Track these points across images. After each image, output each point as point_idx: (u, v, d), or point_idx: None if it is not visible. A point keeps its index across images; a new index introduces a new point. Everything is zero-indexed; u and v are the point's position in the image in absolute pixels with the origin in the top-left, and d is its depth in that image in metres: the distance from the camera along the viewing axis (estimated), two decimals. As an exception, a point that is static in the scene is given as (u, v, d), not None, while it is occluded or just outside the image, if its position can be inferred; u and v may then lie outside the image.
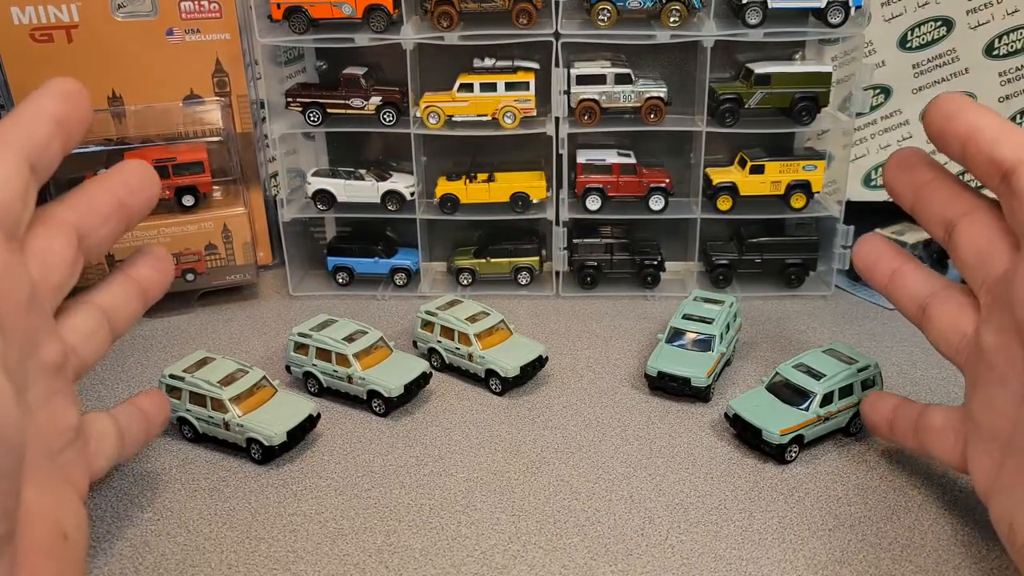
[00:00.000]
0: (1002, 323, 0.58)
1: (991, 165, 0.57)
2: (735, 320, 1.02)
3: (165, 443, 0.87)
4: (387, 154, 1.24)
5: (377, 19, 1.09)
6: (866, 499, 0.77)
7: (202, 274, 1.16)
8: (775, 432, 0.81)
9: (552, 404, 0.94)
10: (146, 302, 0.65)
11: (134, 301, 0.64)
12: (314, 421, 0.87)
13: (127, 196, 0.59)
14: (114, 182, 0.59)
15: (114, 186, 0.58)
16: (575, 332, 1.10)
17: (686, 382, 0.92)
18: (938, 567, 0.69)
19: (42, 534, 0.48)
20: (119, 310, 0.62)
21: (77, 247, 0.55)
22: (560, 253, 1.20)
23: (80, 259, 0.56)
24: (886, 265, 0.71)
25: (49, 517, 0.49)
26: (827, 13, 1.07)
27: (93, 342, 0.60)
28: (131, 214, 0.59)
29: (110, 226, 0.58)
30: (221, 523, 0.75)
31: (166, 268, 0.67)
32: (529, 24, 1.09)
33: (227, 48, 1.17)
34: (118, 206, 0.58)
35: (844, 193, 1.16)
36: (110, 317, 0.61)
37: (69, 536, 0.50)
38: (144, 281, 0.65)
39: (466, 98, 1.14)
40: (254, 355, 1.04)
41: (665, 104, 1.13)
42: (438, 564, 0.70)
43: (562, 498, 0.78)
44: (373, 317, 1.12)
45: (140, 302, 0.65)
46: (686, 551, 0.71)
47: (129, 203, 0.59)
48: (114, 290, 0.63)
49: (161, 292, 0.67)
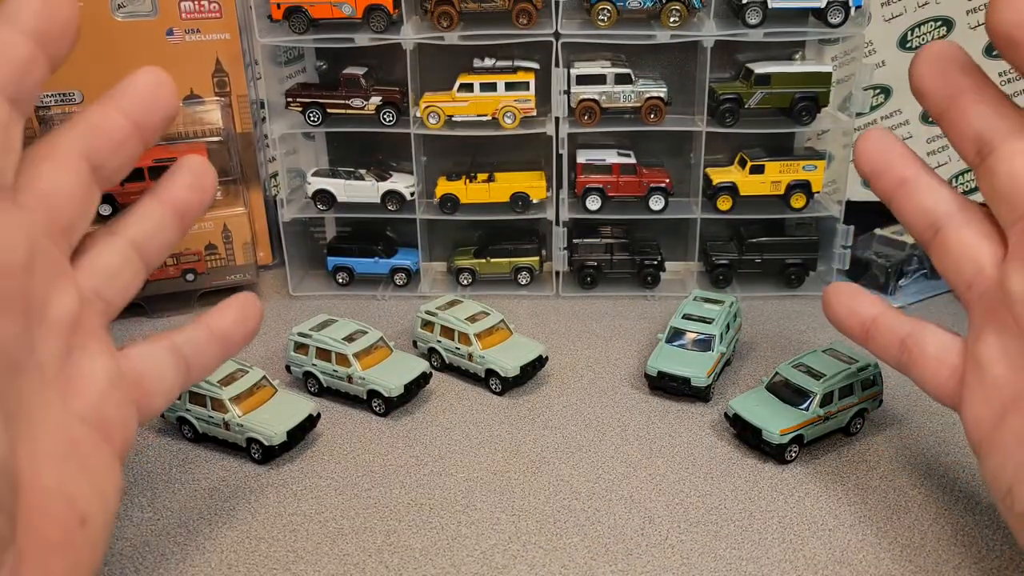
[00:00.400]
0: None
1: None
2: (735, 320, 1.02)
3: (165, 443, 0.87)
4: (387, 154, 1.24)
5: (377, 19, 1.09)
6: (866, 499, 0.77)
7: (202, 274, 1.16)
8: (775, 432, 0.81)
9: (552, 404, 0.94)
10: (183, 228, 0.56)
11: (168, 229, 0.55)
12: (314, 421, 0.87)
13: (143, 115, 0.51)
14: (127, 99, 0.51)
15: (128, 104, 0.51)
16: (575, 332, 1.10)
17: (686, 382, 0.92)
18: (938, 567, 0.69)
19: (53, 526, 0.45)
20: (151, 240, 0.54)
21: (90, 179, 0.49)
22: (560, 253, 1.20)
23: (94, 192, 0.50)
24: (896, 172, 0.60)
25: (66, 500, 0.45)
26: (827, 13, 1.08)
27: (120, 281, 0.53)
28: (149, 135, 0.51)
29: (126, 151, 0.51)
30: (221, 523, 0.75)
31: (205, 185, 0.56)
32: (529, 24, 1.09)
33: (227, 48, 1.17)
34: (133, 128, 0.50)
35: (844, 193, 1.16)
36: (141, 250, 0.54)
37: (88, 518, 0.46)
38: (180, 204, 0.55)
39: (466, 98, 1.14)
40: (254, 355, 1.04)
41: (665, 104, 1.13)
42: (438, 564, 0.70)
43: (562, 498, 0.78)
44: (373, 317, 1.12)
45: (176, 229, 0.56)
46: (686, 551, 0.71)
47: (146, 122, 0.51)
48: (144, 218, 0.55)
49: (200, 213, 0.57)
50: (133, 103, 0.50)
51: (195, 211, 0.57)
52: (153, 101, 0.51)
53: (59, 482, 0.45)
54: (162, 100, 0.51)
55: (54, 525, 0.45)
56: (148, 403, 0.54)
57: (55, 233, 0.47)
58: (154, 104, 0.51)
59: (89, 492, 0.47)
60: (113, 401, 0.50)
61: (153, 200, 0.55)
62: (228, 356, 0.61)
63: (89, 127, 0.49)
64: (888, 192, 0.61)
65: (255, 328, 0.61)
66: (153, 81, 0.51)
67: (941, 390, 0.61)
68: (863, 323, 0.66)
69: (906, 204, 0.60)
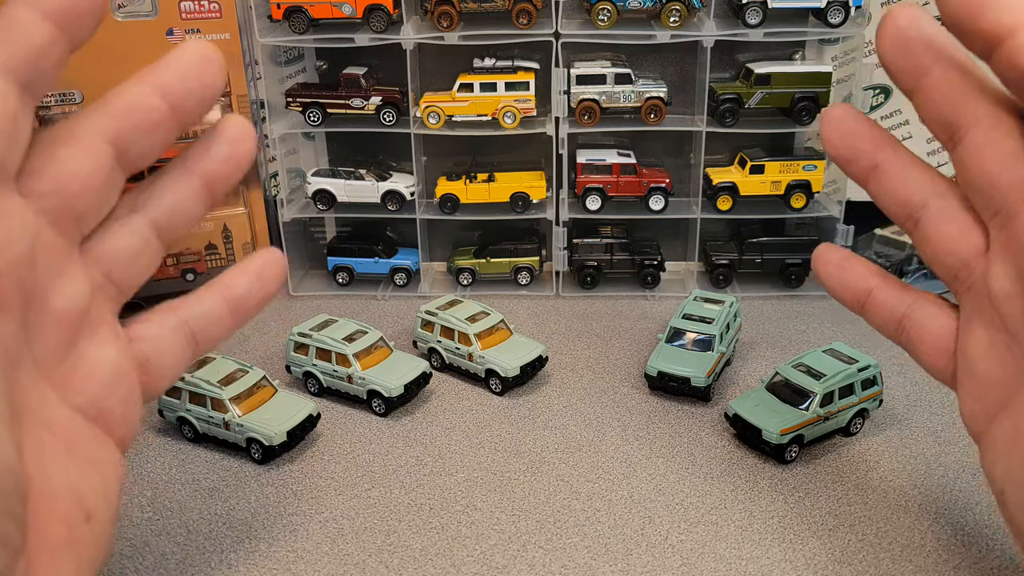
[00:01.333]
0: (1020, 269, 0.48)
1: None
2: (735, 320, 1.02)
3: (165, 443, 0.87)
4: (387, 154, 1.24)
5: (377, 19, 1.09)
6: (866, 499, 0.77)
7: (202, 274, 1.16)
8: (775, 432, 0.81)
9: (552, 404, 0.94)
10: (212, 203, 0.51)
11: (194, 203, 0.50)
12: (314, 421, 0.87)
13: (183, 95, 0.46)
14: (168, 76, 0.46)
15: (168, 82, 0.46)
16: (575, 332, 1.10)
17: (686, 382, 0.92)
18: (938, 567, 0.69)
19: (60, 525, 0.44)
20: (174, 216, 0.50)
21: (112, 165, 0.45)
22: (560, 253, 1.20)
23: (118, 177, 0.46)
24: (866, 159, 0.54)
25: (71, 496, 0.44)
26: (827, 13, 1.08)
27: (136, 264, 0.49)
28: (185, 119, 0.47)
29: (158, 135, 0.46)
30: (221, 523, 0.75)
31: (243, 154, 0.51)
32: (529, 24, 1.09)
33: (227, 48, 1.17)
34: (170, 111, 0.46)
35: (844, 193, 1.16)
36: (161, 229, 0.49)
37: (93, 513, 0.45)
38: (211, 176, 0.50)
39: (466, 98, 1.14)
40: (254, 355, 1.04)
41: (665, 104, 1.13)
42: (438, 564, 0.70)
43: (562, 498, 0.78)
44: (373, 317, 1.12)
45: (203, 204, 0.50)
46: (686, 551, 0.71)
47: (184, 104, 0.46)
48: (170, 191, 0.50)
49: (230, 186, 0.52)
50: (173, 81, 0.46)
51: (227, 184, 0.51)
52: (197, 79, 0.46)
53: (64, 479, 0.44)
54: (207, 79, 0.46)
55: (61, 523, 0.44)
56: (152, 384, 0.51)
57: (65, 220, 0.44)
58: (197, 83, 0.46)
59: (93, 487, 0.46)
60: (116, 394, 0.48)
61: (182, 171, 0.50)
62: (241, 324, 0.56)
63: (120, 107, 0.45)
64: (861, 180, 0.56)
65: (274, 291, 0.56)
66: (199, 57, 0.46)
67: (941, 375, 0.57)
68: (857, 296, 0.60)
69: (881, 193, 0.56)
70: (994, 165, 0.48)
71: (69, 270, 0.46)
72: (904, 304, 0.58)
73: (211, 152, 0.50)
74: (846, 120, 0.54)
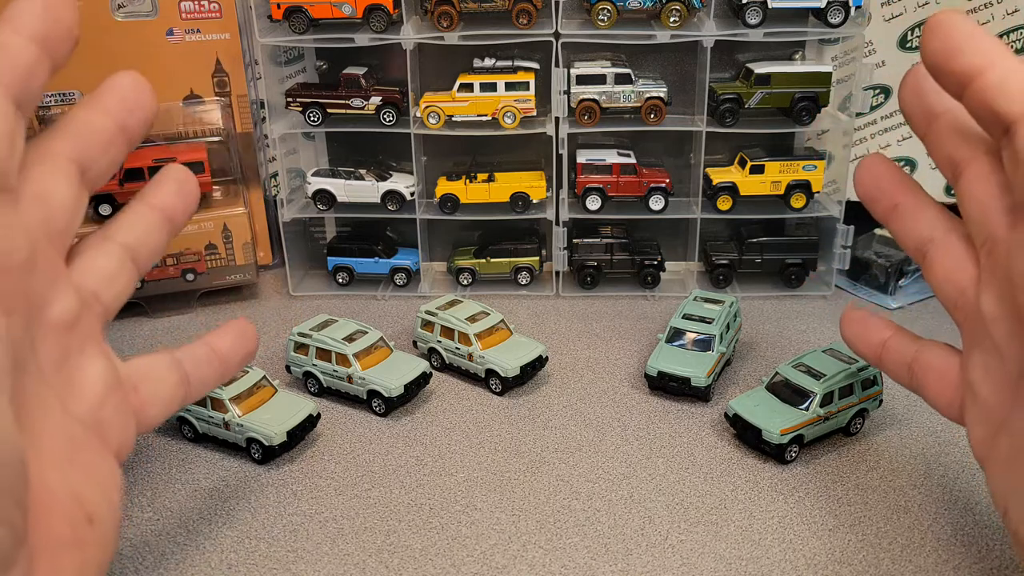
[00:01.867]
0: (1003, 293, 0.53)
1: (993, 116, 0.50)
2: (735, 320, 1.02)
3: (165, 443, 0.87)
4: (387, 154, 1.24)
5: (377, 19, 1.09)
6: (866, 499, 0.77)
7: (202, 274, 1.16)
8: (775, 432, 0.81)
9: (552, 404, 0.94)
10: (172, 231, 0.59)
11: (159, 232, 0.57)
12: (314, 421, 0.87)
13: (126, 116, 0.52)
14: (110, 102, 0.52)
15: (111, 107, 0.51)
16: (575, 332, 1.10)
17: (686, 382, 0.92)
18: (938, 567, 0.69)
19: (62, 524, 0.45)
20: (143, 245, 0.56)
21: (79, 183, 0.49)
22: (560, 253, 1.20)
23: (84, 195, 0.50)
24: (888, 199, 0.63)
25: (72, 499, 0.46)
26: (827, 13, 1.08)
27: (116, 284, 0.54)
28: (132, 136, 0.52)
29: (112, 154, 0.51)
30: (221, 523, 0.75)
31: (191, 190, 0.59)
32: (529, 24, 1.09)
33: (227, 48, 1.17)
34: (118, 130, 0.51)
35: (844, 193, 1.16)
36: (133, 254, 0.55)
37: (95, 517, 0.47)
38: (168, 209, 0.57)
39: (466, 98, 1.14)
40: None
41: (665, 104, 1.13)
42: (438, 564, 0.70)
43: (562, 498, 0.78)
44: (373, 317, 1.12)
45: (165, 232, 0.58)
46: (686, 551, 0.71)
47: (129, 124, 0.52)
48: (135, 222, 0.56)
49: (188, 217, 0.60)
50: (116, 104, 0.51)
51: (182, 215, 0.59)
52: (134, 101, 0.52)
53: (65, 482, 0.45)
54: (142, 101, 0.52)
55: (63, 523, 0.45)
56: (145, 412, 0.55)
57: (51, 235, 0.48)
58: (135, 104, 0.52)
59: (94, 492, 0.47)
60: (110, 405, 0.51)
61: (142, 204, 0.57)
62: (226, 376, 0.64)
63: (76, 130, 0.50)
64: (883, 217, 0.63)
65: (253, 350, 0.65)
66: (132, 81, 0.52)
67: (949, 411, 0.62)
68: (874, 349, 0.67)
69: (898, 228, 0.63)
70: (985, 196, 0.53)
71: (62, 282, 0.48)
72: (913, 348, 0.64)
73: (164, 188, 0.58)
74: (876, 165, 0.62)
